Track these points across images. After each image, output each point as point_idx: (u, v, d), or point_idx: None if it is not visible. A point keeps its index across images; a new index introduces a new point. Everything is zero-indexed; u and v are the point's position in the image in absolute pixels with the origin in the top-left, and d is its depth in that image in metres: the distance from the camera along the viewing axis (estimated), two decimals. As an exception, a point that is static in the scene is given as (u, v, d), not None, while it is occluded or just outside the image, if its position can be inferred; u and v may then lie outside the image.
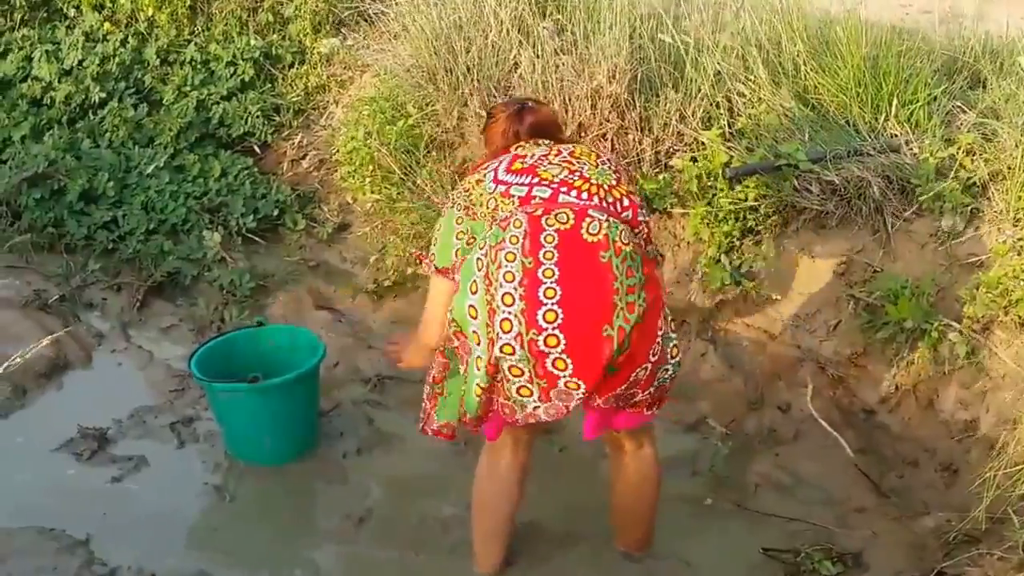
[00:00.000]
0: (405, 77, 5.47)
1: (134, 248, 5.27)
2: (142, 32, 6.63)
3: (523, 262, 2.86)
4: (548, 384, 2.91)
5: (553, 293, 2.84)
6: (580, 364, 2.87)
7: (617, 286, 2.86)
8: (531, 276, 2.85)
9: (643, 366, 2.97)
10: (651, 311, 2.94)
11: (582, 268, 2.86)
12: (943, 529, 3.57)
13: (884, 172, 4.42)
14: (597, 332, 2.85)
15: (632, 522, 3.50)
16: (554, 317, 2.84)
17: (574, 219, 2.89)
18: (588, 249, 2.87)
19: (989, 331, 4.02)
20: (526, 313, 2.84)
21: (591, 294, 2.86)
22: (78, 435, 4.01)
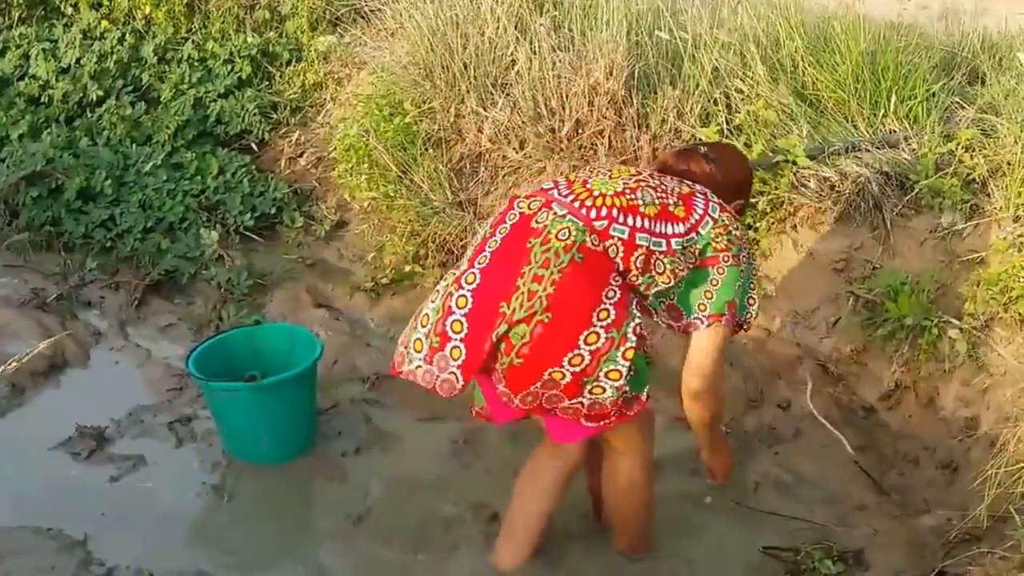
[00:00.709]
0: (402, 74, 5.46)
1: (132, 246, 5.25)
2: (139, 30, 6.62)
3: (484, 231, 3.08)
4: (439, 344, 2.95)
5: (484, 260, 2.98)
6: (471, 331, 2.92)
7: (524, 270, 2.91)
8: (481, 244, 3.04)
9: (557, 368, 2.90)
10: (569, 318, 2.89)
11: (512, 247, 2.96)
12: (944, 528, 3.56)
13: (883, 168, 4.42)
14: (495, 304, 2.90)
15: (618, 527, 3.50)
16: (473, 279, 2.96)
17: (537, 208, 3.02)
18: (525, 232, 2.97)
19: (989, 328, 4.01)
20: (460, 271, 3.01)
21: (505, 270, 2.94)
22: (76, 434, 3.98)
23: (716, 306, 3.09)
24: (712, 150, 3.41)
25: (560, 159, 4.97)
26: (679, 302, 3.11)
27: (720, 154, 3.41)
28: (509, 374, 2.93)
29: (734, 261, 3.08)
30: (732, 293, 3.09)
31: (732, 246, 3.08)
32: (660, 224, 3.00)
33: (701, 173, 3.29)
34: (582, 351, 2.90)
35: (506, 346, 2.90)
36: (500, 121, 5.07)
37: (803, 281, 4.46)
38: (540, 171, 5.07)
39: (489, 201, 5.19)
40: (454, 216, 5.06)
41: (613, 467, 3.35)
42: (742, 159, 3.59)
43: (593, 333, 2.90)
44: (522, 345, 2.88)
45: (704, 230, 3.05)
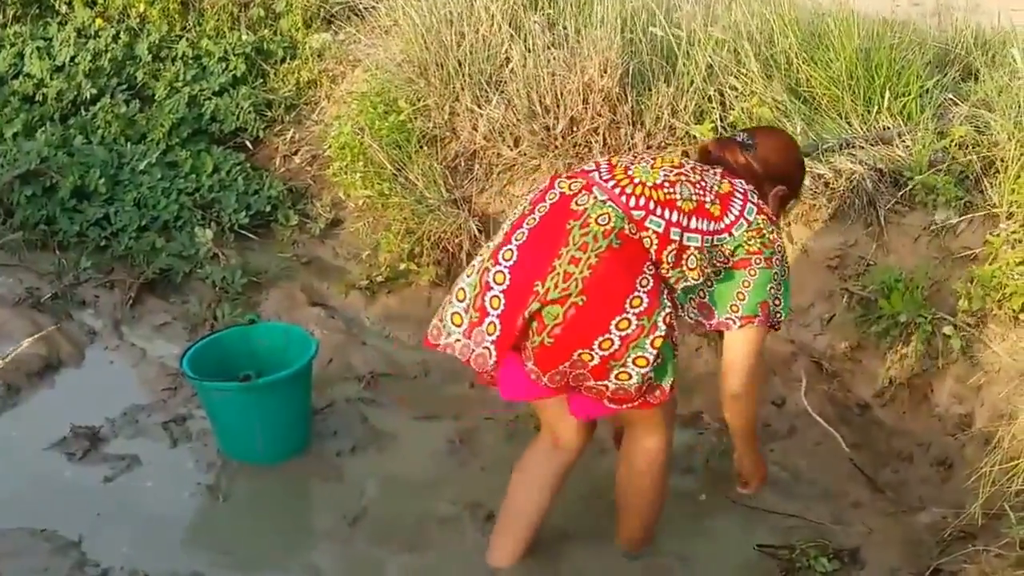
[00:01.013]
0: (396, 72, 5.44)
1: (126, 245, 5.23)
2: (134, 28, 6.60)
3: (523, 208, 3.10)
4: (478, 319, 3.00)
5: (522, 236, 3.01)
6: (507, 308, 2.97)
7: (562, 251, 2.93)
8: (519, 220, 3.06)
9: (587, 350, 2.93)
10: (603, 302, 2.93)
11: (551, 227, 2.98)
12: (939, 525, 3.57)
13: (877, 165, 4.42)
14: (531, 283, 2.94)
15: (625, 516, 3.49)
16: (510, 256, 2.99)
17: (577, 189, 3.03)
18: (565, 214, 2.99)
19: (983, 325, 4.01)
20: (496, 248, 3.05)
21: (542, 250, 2.96)
22: (71, 434, 3.98)
23: (748, 307, 3.07)
24: (752, 136, 3.33)
25: (555, 156, 4.97)
26: (710, 300, 3.10)
27: (761, 142, 3.32)
28: (539, 353, 2.97)
29: (766, 264, 3.06)
30: (764, 295, 3.07)
31: (765, 249, 3.05)
32: (695, 220, 3.00)
33: (737, 164, 3.24)
34: (612, 336, 2.93)
35: (538, 325, 2.94)
36: (495, 119, 5.06)
37: (797, 278, 4.39)
38: (535, 168, 5.07)
39: (484, 199, 5.19)
40: (449, 214, 5.05)
41: (631, 450, 3.36)
42: (786, 147, 3.44)
43: (625, 319, 2.93)
44: (555, 325, 2.92)
45: (737, 232, 3.04)
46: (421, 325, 4.76)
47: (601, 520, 3.64)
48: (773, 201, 3.28)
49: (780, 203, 3.35)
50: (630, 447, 3.37)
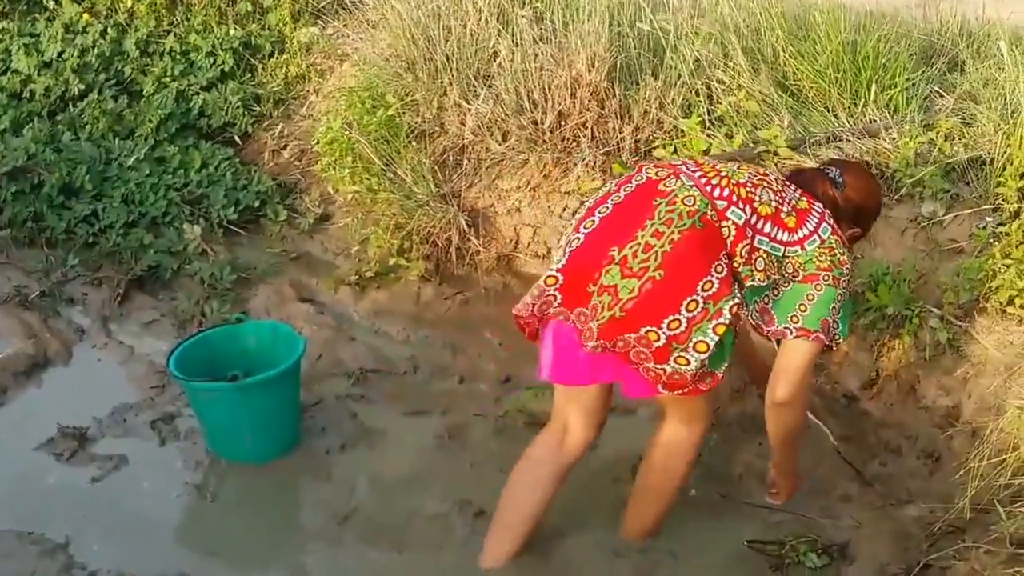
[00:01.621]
0: (384, 66, 5.43)
1: (114, 242, 5.21)
2: (121, 23, 6.56)
3: (608, 187, 3.22)
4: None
5: (606, 210, 3.11)
6: (569, 263, 3.07)
7: (646, 223, 3.02)
8: (603, 197, 3.17)
9: (655, 328, 2.98)
10: (678, 280, 2.99)
11: (635, 203, 3.09)
12: (927, 519, 3.57)
13: (864, 158, 4.42)
14: (606, 247, 3.02)
15: (640, 503, 3.50)
16: (591, 225, 3.10)
17: (665, 175, 3.13)
18: (652, 194, 3.09)
19: (970, 317, 4.02)
20: (579, 220, 3.15)
21: (625, 220, 3.06)
22: (58, 434, 3.96)
23: (809, 321, 3.10)
24: (843, 174, 3.36)
25: (543, 151, 4.97)
26: (772, 307, 3.14)
27: (849, 182, 3.35)
28: (606, 327, 3.00)
29: (833, 282, 3.09)
30: (826, 312, 3.10)
31: (835, 268, 3.09)
32: (768, 225, 3.07)
33: (823, 194, 3.28)
34: (681, 316, 2.98)
35: (611, 299, 2.99)
36: (483, 113, 5.06)
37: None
38: (523, 163, 5.07)
39: (473, 193, 5.19)
40: (438, 209, 5.05)
41: (668, 437, 3.37)
42: (873, 194, 3.50)
43: (694, 301, 2.98)
44: (629, 299, 2.97)
45: (809, 247, 3.08)
46: (411, 320, 4.83)
47: (591, 517, 3.66)
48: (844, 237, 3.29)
49: (849, 242, 3.33)
50: (667, 434, 3.38)
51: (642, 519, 3.52)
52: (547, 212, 5.02)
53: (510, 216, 5.13)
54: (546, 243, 5.06)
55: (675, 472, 3.41)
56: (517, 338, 4.26)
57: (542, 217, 5.04)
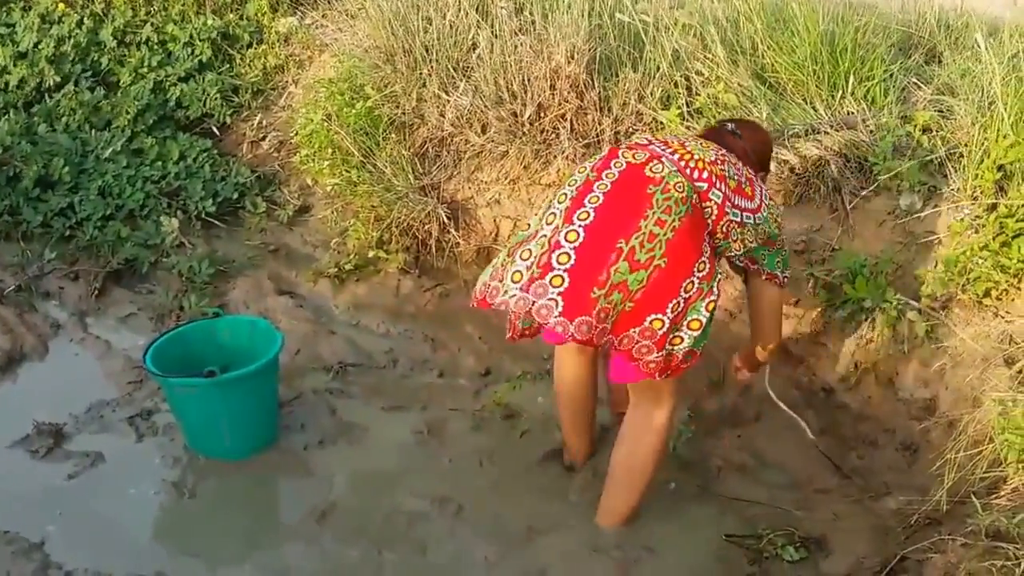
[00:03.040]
0: (363, 58, 5.41)
1: (91, 235, 5.17)
2: (98, 13, 6.52)
3: (588, 175, 3.22)
4: (540, 274, 3.09)
5: (596, 200, 3.14)
6: (578, 263, 3.07)
7: (648, 213, 3.09)
8: (587, 185, 3.19)
9: (660, 314, 3.10)
10: (678, 265, 3.11)
11: (629, 191, 3.14)
12: (905, 511, 3.59)
13: (842, 150, 4.43)
14: (612, 240, 3.07)
15: (616, 489, 3.53)
16: (586, 217, 3.12)
17: (645, 159, 3.21)
18: (642, 181, 3.15)
19: (948, 309, 4.03)
20: (568, 211, 3.15)
21: (624, 210, 3.11)
22: (33, 431, 3.92)
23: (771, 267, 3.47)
24: (738, 127, 3.60)
25: (522, 143, 4.95)
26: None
27: (746, 132, 3.59)
28: (620, 318, 3.10)
29: (780, 244, 3.47)
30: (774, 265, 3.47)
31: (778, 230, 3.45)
32: (738, 198, 3.28)
33: (738, 151, 3.46)
34: (680, 299, 3.13)
35: (623, 294, 3.06)
36: (462, 105, 5.04)
37: (764, 263, 4.46)
38: (503, 155, 5.06)
39: (452, 185, 5.17)
40: (418, 201, 5.04)
41: (641, 420, 3.44)
42: (764, 135, 3.78)
43: (691, 282, 3.14)
44: (638, 290, 3.07)
45: (765, 211, 3.35)
46: (390, 313, 4.81)
47: (567, 514, 3.67)
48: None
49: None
50: (640, 417, 3.44)
51: (618, 505, 3.55)
52: (527, 204, 5.01)
53: (490, 208, 5.12)
54: (526, 235, 5.04)
55: (649, 456, 3.45)
56: (497, 332, 4.28)
57: (522, 209, 5.03)
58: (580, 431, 3.83)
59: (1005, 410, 3.48)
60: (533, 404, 4.18)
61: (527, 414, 4.15)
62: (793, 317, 4.37)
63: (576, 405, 3.77)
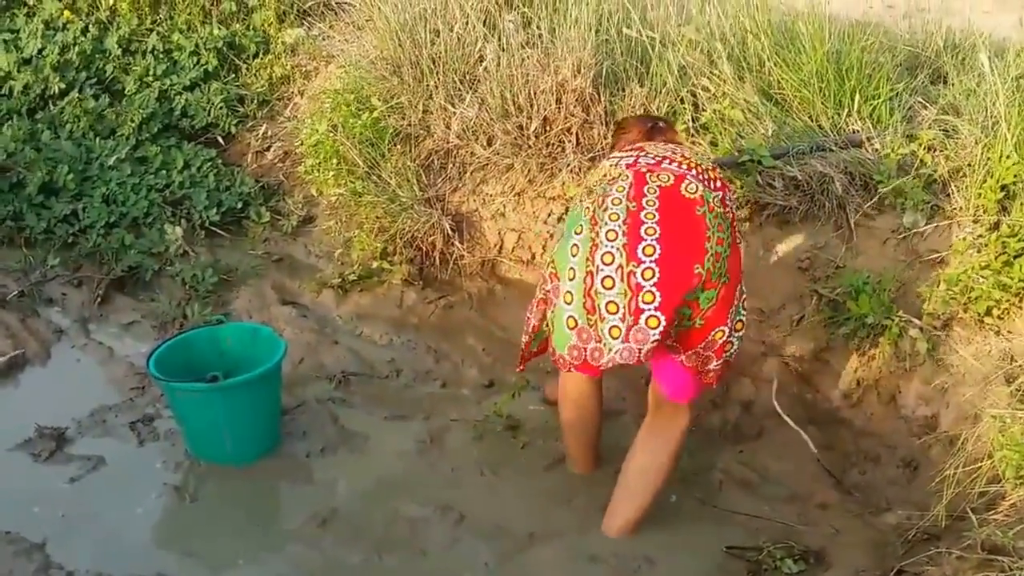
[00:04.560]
0: (370, 69, 5.42)
1: (95, 242, 5.17)
2: (103, 21, 6.53)
3: (628, 205, 3.21)
4: (634, 321, 3.16)
5: (653, 231, 3.16)
6: (664, 299, 3.14)
7: (709, 235, 3.18)
8: (634, 216, 3.18)
9: (722, 328, 3.25)
10: (734, 278, 3.26)
11: (680, 216, 3.19)
12: (904, 526, 3.61)
13: (846, 168, 4.45)
14: (689, 268, 3.15)
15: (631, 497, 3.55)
16: (652, 251, 3.14)
17: (674, 180, 3.25)
18: (686, 203, 3.21)
19: (949, 328, 4.05)
20: (627, 247, 3.15)
21: (686, 237, 3.17)
22: (36, 435, 3.92)
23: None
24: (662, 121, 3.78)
25: (528, 156, 4.97)
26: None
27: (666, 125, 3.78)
28: (689, 335, 3.25)
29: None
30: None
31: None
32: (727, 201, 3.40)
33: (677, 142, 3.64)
34: (735, 306, 3.29)
35: (693, 311, 3.21)
36: (468, 117, 5.05)
37: (768, 279, 4.48)
38: (508, 168, 5.07)
39: (457, 197, 5.18)
40: (422, 212, 5.04)
41: (665, 429, 3.52)
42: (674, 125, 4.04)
43: (740, 288, 3.33)
44: (708, 308, 3.20)
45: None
46: (393, 324, 4.82)
47: (566, 523, 3.67)
48: None
49: None
50: (661, 428, 3.52)
51: (630, 513, 3.57)
52: (532, 217, 5.02)
53: (494, 221, 5.13)
54: (530, 248, 5.06)
55: (667, 466, 3.53)
56: (500, 344, 4.29)
57: (527, 222, 5.04)
58: (586, 444, 3.85)
59: (1004, 427, 3.52)
60: (535, 415, 4.18)
61: (529, 425, 4.15)
62: (797, 334, 4.39)
63: (583, 420, 3.78)
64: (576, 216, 3.32)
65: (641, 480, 3.55)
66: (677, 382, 3.38)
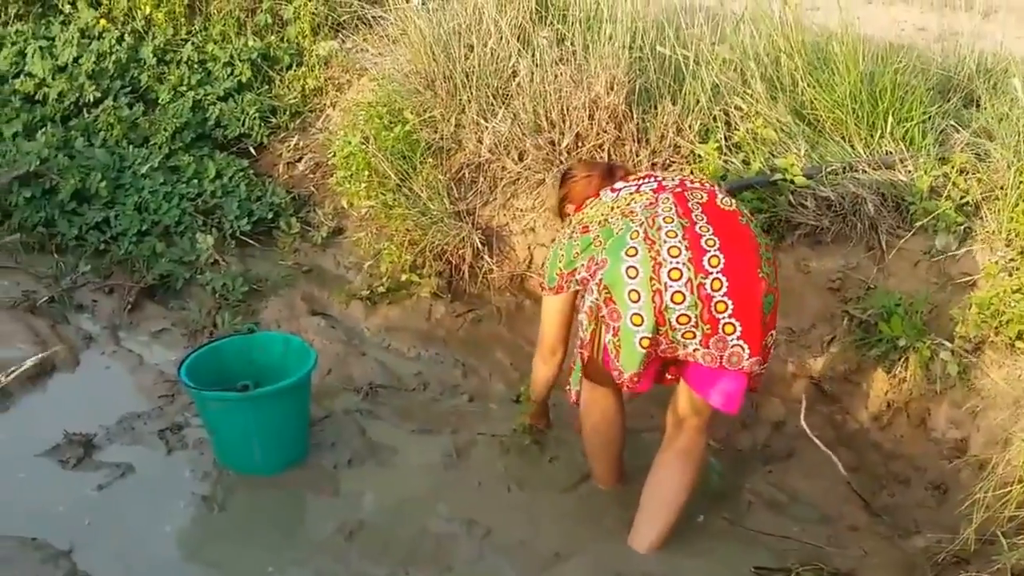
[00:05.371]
0: (403, 82, 5.44)
1: (126, 249, 5.22)
2: (139, 30, 6.60)
3: (681, 222, 3.28)
4: (711, 330, 3.22)
5: (713, 243, 3.24)
6: (739, 305, 3.21)
7: (759, 242, 3.32)
8: (691, 231, 3.26)
9: (773, 331, 3.33)
10: (778, 281, 3.37)
11: (729, 227, 3.30)
12: (933, 549, 3.58)
13: (879, 189, 4.44)
14: (754, 274, 3.23)
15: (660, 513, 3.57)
16: (717, 262, 3.21)
17: (707, 197, 3.38)
18: (727, 214, 3.34)
19: (980, 351, 4.03)
20: (693, 260, 3.21)
21: (742, 245, 3.27)
22: (64, 441, 3.93)
23: None
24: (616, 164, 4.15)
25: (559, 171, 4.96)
26: None
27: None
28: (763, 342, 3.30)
29: None
30: None
31: None
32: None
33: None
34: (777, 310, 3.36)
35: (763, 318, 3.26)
36: (500, 132, 5.07)
37: (799, 299, 4.47)
38: (539, 183, 5.07)
39: (487, 211, 5.19)
40: (452, 226, 5.05)
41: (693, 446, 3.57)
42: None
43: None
44: (770, 314, 3.28)
45: None
46: (421, 337, 4.82)
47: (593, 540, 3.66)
48: None
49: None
50: (688, 442, 3.56)
51: (656, 530, 3.57)
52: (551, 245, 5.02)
53: (524, 236, 5.14)
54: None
55: (691, 481, 3.57)
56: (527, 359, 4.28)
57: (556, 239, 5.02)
58: (610, 461, 3.85)
59: (1035, 451, 3.48)
60: (563, 431, 4.17)
61: (556, 440, 4.14)
62: (827, 355, 4.37)
63: (608, 437, 3.79)
64: (621, 241, 3.31)
65: (666, 496, 3.57)
66: (731, 390, 3.36)
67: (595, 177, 3.70)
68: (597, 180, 3.68)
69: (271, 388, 3.82)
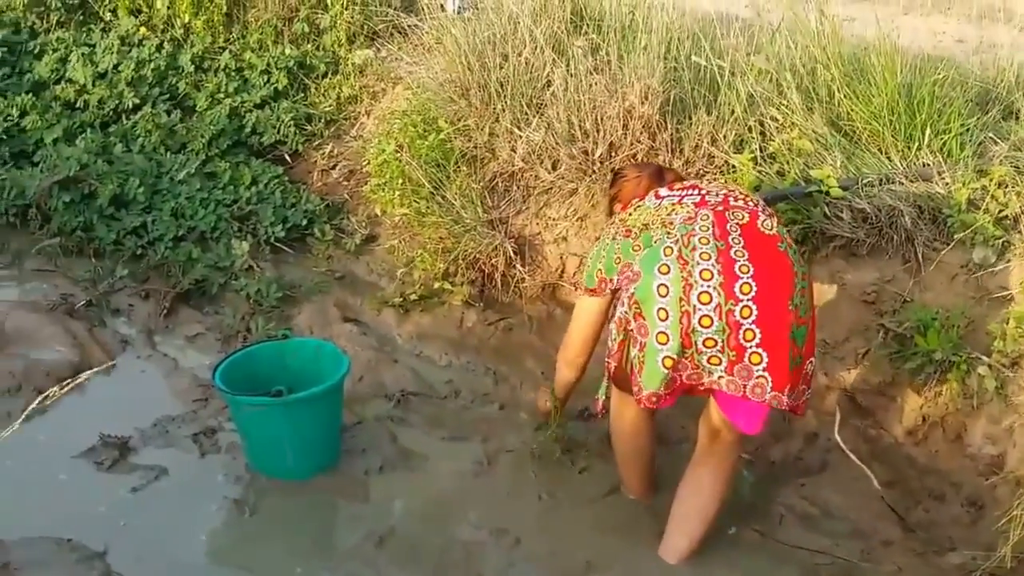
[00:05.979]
0: (437, 91, 5.47)
1: (163, 254, 5.27)
2: (178, 38, 6.68)
3: (716, 244, 3.24)
4: (736, 357, 3.20)
5: (747, 269, 3.19)
6: (767, 335, 3.18)
7: (795, 270, 3.26)
8: (725, 255, 3.21)
9: (811, 360, 3.29)
10: (814, 308, 3.34)
11: (765, 253, 3.25)
12: (969, 567, 3.54)
13: (916, 201, 4.38)
14: (784, 305, 3.19)
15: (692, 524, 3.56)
16: (749, 290, 3.17)
17: (749, 218, 3.32)
18: (767, 239, 3.29)
19: (1018, 366, 3.97)
20: (724, 286, 3.18)
21: (776, 273, 3.22)
22: (99, 443, 3.97)
23: None
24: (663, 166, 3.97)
25: (592, 181, 4.97)
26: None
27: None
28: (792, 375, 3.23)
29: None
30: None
31: None
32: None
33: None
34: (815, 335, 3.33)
35: (793, 351, 3.21)
36: (534, 141, 5.07)
37: (833, 311, 4.43)
38: (572, 192, 5.07)
39: (520, 220, 5.20)
40: (485, 234, 5.07)
41: (722, 453, 3.56)
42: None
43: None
44: (804, 345, 3.24)
45: None
46: (453, 345, 4.83)
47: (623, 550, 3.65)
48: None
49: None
50: (723, 453, 3.55)
51: (686, 541, 3.57)
52: (594, 242, 5.01)
53: (557, 245, 5.14)
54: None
55: (722, 493, 3.56)
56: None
57: (588, 247, 5.02)
58: (640, 473, 3.85)
59: (1073, 469, 3.44)
60: (594, 441, 4.16)
61: (586, 449, 4.13)
62: (862, 368, 4.33)
63: (639, 449, 3.78)
64: (655, 256, 3.29)
65: (697, 506, 3.56)
66: (753, 414, 3.36)
67: (644, 178, 3.72)
68: (646, 181, 3.70)
69: (304, 393, 3.83)
